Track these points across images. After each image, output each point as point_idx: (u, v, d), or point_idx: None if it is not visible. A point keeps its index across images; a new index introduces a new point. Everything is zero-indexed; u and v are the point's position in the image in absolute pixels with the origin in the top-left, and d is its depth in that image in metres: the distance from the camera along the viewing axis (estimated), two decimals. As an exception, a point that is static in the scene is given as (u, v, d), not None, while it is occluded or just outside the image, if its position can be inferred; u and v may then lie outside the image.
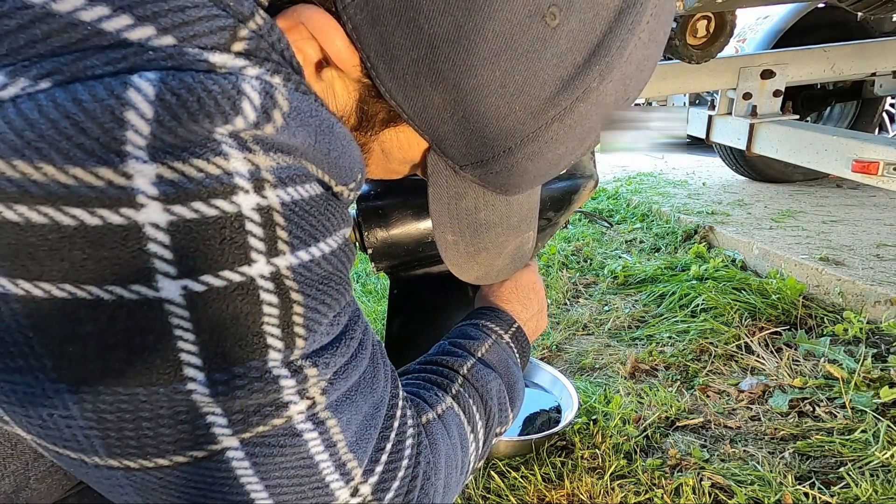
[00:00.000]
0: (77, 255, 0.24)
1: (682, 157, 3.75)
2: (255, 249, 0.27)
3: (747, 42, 2.73)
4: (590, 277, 2.11)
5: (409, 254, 0.79)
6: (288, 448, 0.30)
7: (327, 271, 0.31)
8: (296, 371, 0.30)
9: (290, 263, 0.28)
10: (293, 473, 0.31)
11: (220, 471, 0.29)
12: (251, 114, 0.26)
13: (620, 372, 1.45)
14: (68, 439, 0.28)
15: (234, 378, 0.28)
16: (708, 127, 2.43)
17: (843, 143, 1.75)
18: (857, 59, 2.30)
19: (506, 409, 0.53)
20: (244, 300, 0.27)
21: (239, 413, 0.29)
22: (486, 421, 0.50)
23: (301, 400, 0.30)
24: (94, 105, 0.23)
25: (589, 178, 0.84)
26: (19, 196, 0.23)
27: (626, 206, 2.83)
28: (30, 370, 0.26)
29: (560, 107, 0.36)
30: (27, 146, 0.23)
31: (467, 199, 0.43)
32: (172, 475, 0.29)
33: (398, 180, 0.79)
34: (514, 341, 0.60)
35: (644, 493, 1.02)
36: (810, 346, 1.45)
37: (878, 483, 0.99)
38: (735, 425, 1.21)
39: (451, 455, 0.44)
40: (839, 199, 2.58)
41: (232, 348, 0.27)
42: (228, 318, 0.27)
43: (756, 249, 2.03)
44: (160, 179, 0.24)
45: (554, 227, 0.86)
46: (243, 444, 0.29)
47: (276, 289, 0.28)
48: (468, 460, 0.47)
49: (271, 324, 0.28)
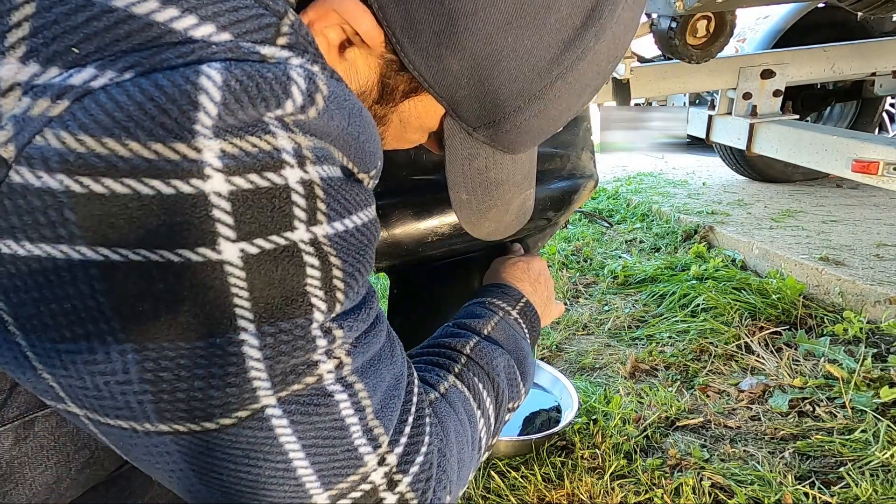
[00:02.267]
0: (153, 221, 0.27)
1: (682, 156, 3.75)
2: (298, 218, 0.30)
3: (747, 42, 2.73)
4: (590, 277, 2.11)
5: (409, 253, 0.79)
6: (322, 408, 0.33)
7: (360, 241, 0.34)
8: (327, 332, 0.33)
9: (327, 232, 0.32)
10: (327, 434, 0.33)
11: (261, 430, 0.31)
12: (299, 97, 0.30)
13: (620, 372, 1.45)
14: (121, 407, 0.30)
15: (281, 332, 0.31)
16: (708, 127, 2.43)
17: (843, 143, 1.75)
18: (857, 59, 2.30)
19: (516, 384, 0.54)
20: (290, 262, 0.30)
21: (279, 374, 0.31)
22: (494, 397, 0.51)
23: (329, 360, 0.33)
24: (174, 90, 0.27)
25: (589, 178, 0.84)
26: (106, 170, 0.26)
27: (626, 206, 2.83)
28: (97, 334, 0.29)
29: (563, 66, 0.40)
30: (116, 125, 0.26)
31: (479, 159, 0.47)
32: (218, 438, 0.31)
33: (398, 181, 0.79)
34: (523, 316, 0.61)
35: (644, 493, 1.02)
36: (810, 346, 1.45)
37: (878, 483, 0.99)
38: (735, 425, 1.21)
39: (461, 432, 0.45)
40: (839, 199, 2.59)
41: (280, 305, 0.30)
42: (277, 278, 0.30)
43: (756, 249, 2.03)
44: (223, 154, 0.28)
45: (554, 226, 0.86)
46: (280, 403, 0.31)
47: (317, 253, 0.31)
48: (478, 437, 0.48)
49: (314, 286, 0.31)
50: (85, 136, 0.26)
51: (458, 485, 0.44)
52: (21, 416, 0.38)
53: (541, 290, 0.68)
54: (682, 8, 1.58)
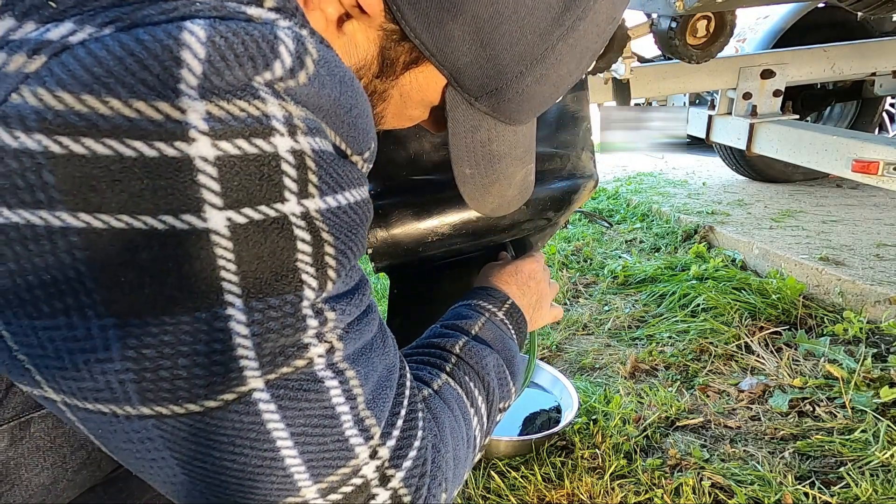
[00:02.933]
0: (136, 185, 0.26)
1: (682, 156, 3.75)
2: (289, 189, 0.29)
3: (747, 42, 2.73)
4: (590, 277, 2.11)
5: (409, 253, 0.79)
6: (311, 394, 0.32)
7: (353, 220, 0.33)
8: (318, 312, 0.32)
9: (319, 207, 0.31)
10: (316, 423, 0.32)
11: (248, 415, 0.30)
12: (287, 59, 0.29)
13: (620, 372, 1.45)
14: (101, 388, 0.29)
15: (269, 309, 0.29)
16: (708, 127, 2.43)
17: (843, 143, 1.75)
18: (857, 59, 2.30)
19: (506, 384, 0.54)
20: (279, 235, 0.29)
21: (267, 354, 0.30)
22: (486, 396, 0.50)
23: (319, 343, 0.32)
24: (155, 45, 0.26)
25: (589, 178, 0.84)
26: (87, 129, 0.25)
27: (626, 206, 2.83)
28: (77, 308, 0.27)
29: (564, 26, 0.40)
30: (96, 81, 0.25)
31: (481, 131, 0.47)
32: (203, 422, 0.30)
33: (398, 181, 0.79)
34: (509, 318, 0.61)
35: (644, 493, 1.02)
36: (810, 346, 1.45)
37: (878, 483, 0.99)
38: (735, 425, 1.21)
39: (455, 428, 0.44)
40: (839, 199, 2.58)
41: (269, 280, 0.29)
42: (266, 251, 0.29)
43: (756, 249, 2.03)
44: (209, 116, 0.26)
45: (554, 226, 0.86)
46: (268, 386, 0.30)
47: (308, 227, 0.30)
48: (473, 434, 0.48)
49: (305, 262, 0.30)
50: (63, 93, 0.25)
51: (454, 483, 0.43)
52: (17, 416, 0.37)
53: (529, 293, 0.67)
54: (683, 8, 1.58)
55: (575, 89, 0.82)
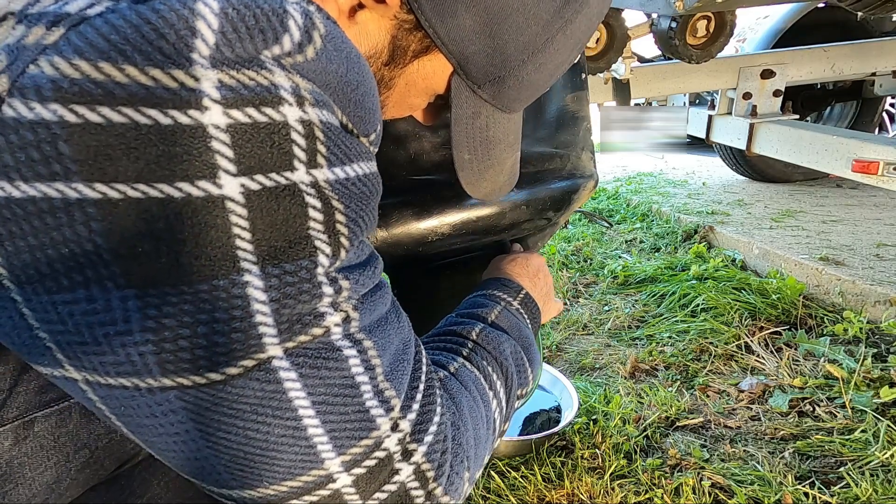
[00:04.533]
0: (151, 152, 0.26)
1: (682, 156, 3.75)
2: (298, 158, 0.30)
3: (747, 42, 2.73)
4: (590, 277, 2.11)
5: (409, 253, 0.79)
6: (331, 362, 0.32)
7: (362, 191, 0.34)
8: (332, 280, 0.32)
9: (328, 177, 0.31)
10: (337, 392, 0.32)
11: (269, 382, 0.30)
12: (297, 33, 0.30)
13: (620, 372, 1.45)
14: (122, 362, 0.29)
15: (285, 274, 0.30)
16: (708, 127, 2.43)
17: (843, 143, 1.75)
18: (857, 59, 2.30)
19: (524, 370, 0.54)
20: (292, 202, 0.30)
21: (285, 321, 0.30)
22: (504, 381, 0.51)
23: (335, 312, 0.32)
24: (171, 14, 0.26)
25: (589, 178, 0.84)
26: (103, 97, 0.26)
27: (625, 206, 2.83)
28: (97, 280, 0.28)
29: (563, 18, 0.43)
30: (113, 49, 0.26)
31: (481, 117, 0.49)
32: (225, 391, 0.30)
33: (399, 181, 0.79)
34: (524, 307, 0.62)
35: (644, 493, 1.02)
36: (810, 346, 1.45)
37: (878, 483, 0.99)
38: (735, 425, 1.21)
39: (474, 408, 0.45)
40: (839, 199, 2.58)
41: (283, 247, 0.30)
42: (280, 218, 0.29)
43: (756, 249, 2.03)
44: (221, 84, 0.27)
45: (554, 226, 0.86)
46: (287, 354, 0.31)
47: (319, 196, 0.31)
48: (492, 417, 0.48)
49: (317, 229, 0.31)
50: (80, 61, 0.25)
51: (477, 463, 0.43)
52: (21, 416, 0.37)
53: (539, 284, 0.68)
54: (682, 8, 1.58)
55: (575, 89, 0.82)
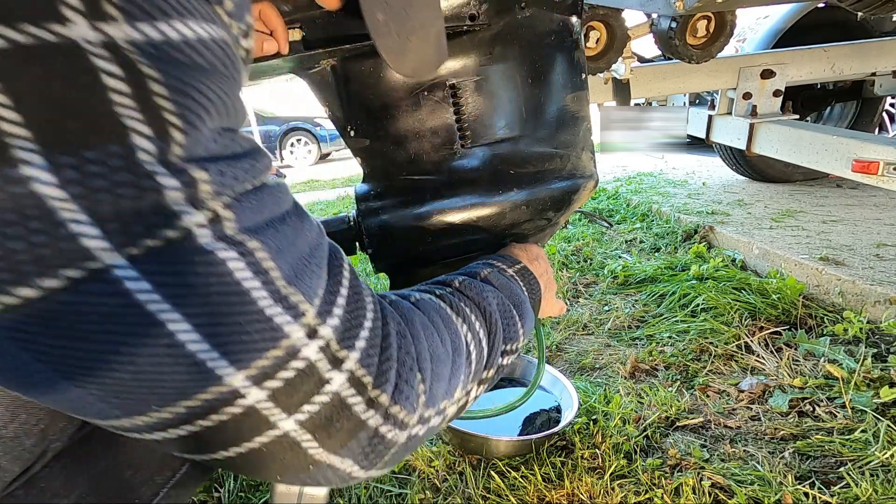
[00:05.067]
0: None
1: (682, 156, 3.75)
2: (68, 6, 0.23)
3: (747, 42, 2.73)
4: (590, 277, 2.11)
5: (407, 253, 0.79)
6: (200, 267, 0.27)
7: (198, 62, 0.27)
8: (177, 171, 0.27)
9: (131, 37, 0.25)
10: (218, 300, 0.28)
11: (113, 296, 0.26)
12: None
13: (620, 372, 1.45)
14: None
15: (88, 164, 0.24)
16: (708, 127, 2.43)
17: (843, 143, 1.75)
18: (857, 59, 2.30)
19: (513, 324, 0.51)
20: (71, 67, 0.23)
21: (111, 221, 0.25)
22: (485, 323, 0.48)
23: (196, 210, 0.27)
24: None
25: (589, 178, 0.84)
26: None
27: (626, 206, 2.83)
28: None
29: None
30: None
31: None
32: (56, 311, 0.25)
33: (398, 181, 0.79)
34: (520, 276, 0.59)
35: (644, 493, 1.02)
36: (810, 346, 1.45)
37: (878, 483, 0.99)
38: (735, 425, 1.21)
39: (429, 326, 0.42)
40: (839, 199, 2.58)
41: (74, 129, 0.24)
42: (56, 89, 0.23)
43: (756, 249, 2.03)
44: None
45: (554, 226, 0.86)
46: (133, 262, 0.26)
47: (117, 60, 0.24)
48: (461, 344, 0.44)
49: (123, 104, 0.25)
50: None
51: (437, 380, 0.40)
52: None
53: (539, 268, 0.65)
54: (682, 8, 1.58)
55: (575, 89, 0.82)
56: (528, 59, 0.77)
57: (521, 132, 0.80)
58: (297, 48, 0.70)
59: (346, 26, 0.70)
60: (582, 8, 0.79)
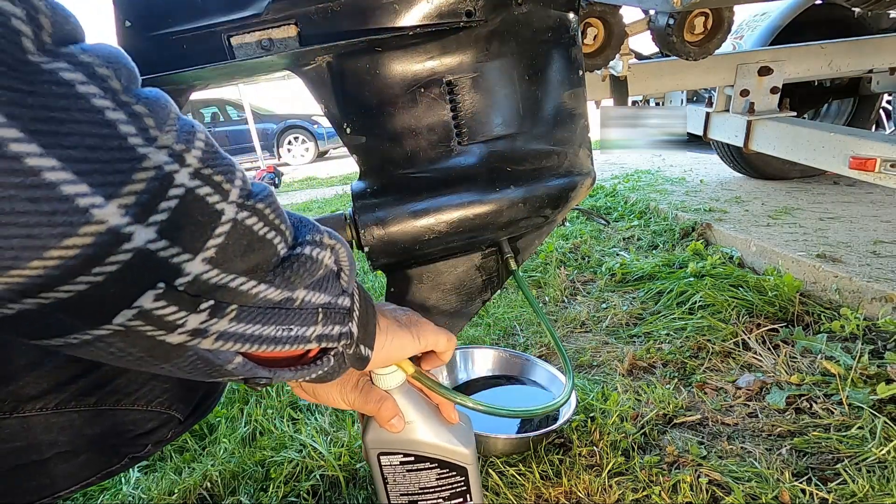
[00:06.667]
0: None
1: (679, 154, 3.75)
2: None
3: (744, 39, 2.73)
4: (587, 275, 2.11)
5: (405, 251, 0.78)
6: (47, 86, 0.25)
7: None
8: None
9: None
10: (63, 117, 0.25)
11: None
12: None
13: (618, 369, 1.45)
14: None
15: None
16: (705, 124, 2.43)
17: (841, 140, 1.75)
18: (855, 56, 2.30)
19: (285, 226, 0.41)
20: None
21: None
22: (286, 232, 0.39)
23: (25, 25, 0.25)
24: None
25: (586, 176, 0.84)
26: None
27: (623, 204, 2.83)
28: None
29: None
30: None
31: None
32: None
33: (395, 178, 0.79)
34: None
35: (642, 490, 1.02)
36: (807, 343, 1.45)
37: (875, 479, 0.99)
38: (732, 422, 1.21)
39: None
40: (836, 196, 2.59)
41: None
42: None
43: (753, 246, 2.04)
44: None
45: (552, 224, 0.86)
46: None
47: None
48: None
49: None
50: None
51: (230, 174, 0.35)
52: None
53: (388, 323, 0.56)
54: (680, 4, 1.58)
55: (572, 86, 0.81)
56: (525, 56, 0.77)
57: (518, 129, 0.80)
58: (293, 44, 0.70)
59: (342, 22, 0.70)
60: (579, 4, 0.78)
